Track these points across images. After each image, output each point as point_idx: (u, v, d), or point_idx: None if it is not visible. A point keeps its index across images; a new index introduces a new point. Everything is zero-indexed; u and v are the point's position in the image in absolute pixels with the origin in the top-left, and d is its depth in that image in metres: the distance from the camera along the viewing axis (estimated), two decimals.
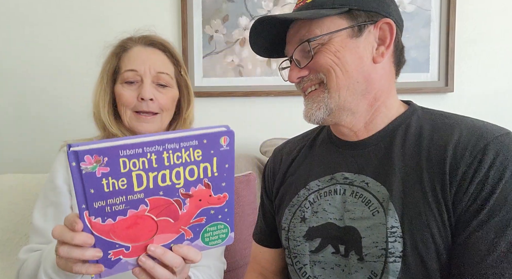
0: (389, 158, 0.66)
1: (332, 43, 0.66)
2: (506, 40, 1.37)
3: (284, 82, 1.43)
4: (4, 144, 1.54)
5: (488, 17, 1.36)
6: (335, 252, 0.67)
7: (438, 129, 0.65)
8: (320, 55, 0.67)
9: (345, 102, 0.68)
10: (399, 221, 0.62)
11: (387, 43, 0.68)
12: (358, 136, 0.72)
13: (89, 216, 0.49)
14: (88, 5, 1.46)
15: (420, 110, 0.72)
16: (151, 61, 0.90)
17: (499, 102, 1.38)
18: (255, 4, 1.41)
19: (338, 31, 0.66)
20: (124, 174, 0.48)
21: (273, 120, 1.46)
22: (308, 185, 0.74)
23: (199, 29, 1.42)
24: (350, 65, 0.66)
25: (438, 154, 0.62)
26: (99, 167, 0.47)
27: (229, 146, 0.53)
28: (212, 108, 1.47)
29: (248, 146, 1.46)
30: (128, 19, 1.45)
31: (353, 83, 0.67)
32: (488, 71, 1.38)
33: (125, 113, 0.89)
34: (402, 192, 0.63)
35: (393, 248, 0.61)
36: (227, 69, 1.43)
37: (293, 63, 0.71)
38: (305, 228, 0.72)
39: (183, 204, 0.53)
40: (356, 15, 0.67)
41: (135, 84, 0.89)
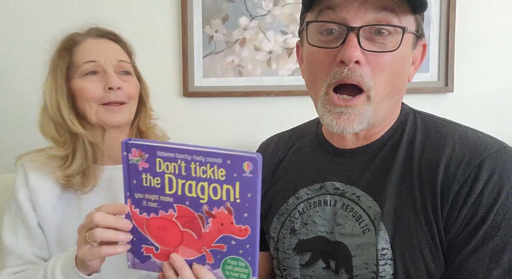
0: (381, 171, 0.61)
1: (406, 45, 0.55)
2: (506, 40, 1.37)
3: (284, 82, 1.45)
4: (4, 144, 1.54)
5: (488, 17, 1.36)
6: (326, 267, 0.64)
7: (429, 140, 0.60)
8: (391, 54, 0.55)
9: (378, 115, 0.60)
10: (390, 243, 0.57)
11: (416, 65, 0.61)
12: (352, 145, 0.65)
13: (131, 204, 0.56)
14: (88, 5, 1.46)
15: (412, 116, 0.65)
16: (109, 51, 0.86)
17: (499, 102, 1.38)
18: (255, 4, 1.41)
19: (412, 33, 0.56)
20: (159, 173, 0.54)
21: (273, 120, 1.46)
22: (297, 193, 0.69)
23: (199, 29, 1.42)
24: (403, 78, 0.58)
25: (429, 169, 0.57)
26: (141, 161, 0.54)
27: (252, 173, 0.51)
28: (212, 108, 1.47)
29: (248, 146, 1.46)
30: (128, 19, 1.45)
31: (392, 96, 0.59)
32: (488, 71, 1.38)
33: (91, 108, 0.83)
34: (394, 211, 0.58)
35: (383, 271, 0.57)
36: (227, 69, 1.43)
37: (356, 39, 0.54)
38: (295, 241, 0.67)
39: (206, 222, 0.54)
40: (419, 23, 0.57)
41: (97, 75, 0.84)
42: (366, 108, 0.57)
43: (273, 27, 1.41)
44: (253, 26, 1.41)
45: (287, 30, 1.41)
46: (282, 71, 1.42)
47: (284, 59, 1.42)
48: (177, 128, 1.48)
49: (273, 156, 0.78)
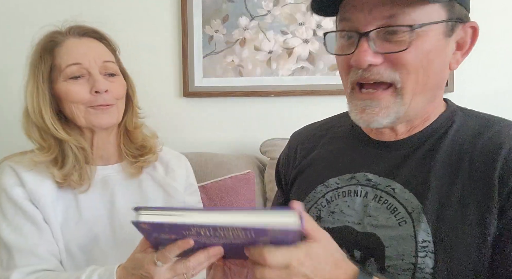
0: (423, 165, 0.59)
1: (428, 38, 0.53)
2: (506, 40, 1.37)
3: (284, 82, 1.45)
4: (4, 144, 1.54)
5: (488, 17, 1.36)
6: (349, 257, 0.62)
7: (482, 135, 0.58)
8: (409, 51, 0.53)
9: (412, 110, 0.58)
10: (432, 235, 0.56)
11: (465, 49, 0.58)
12: (391, 137, 0.64)
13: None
14: (88, 5, 1.47)
15: (460, 112, 0.64)
16: (93, 51, 0.82)
17: (499, 102, 1.38)
18: (255, 4, 1.41)
19: (438, 23, 0.54)
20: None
21: (273, 120, 1.46)
22: (326, 182, 0.68)
23: (199, 29, 1.42)
24: (434, 70, 0.56)
25: (484, 164, 0.55)
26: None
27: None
28: (212, 108, 1.47)
29: (248, 146, 1.46)
30: (128, 19, 1.45)
31: (427, 90, 0.57)
32: (488, 71, 1.38)
33: (78, 111, 0.80)
34: (438, 204, 0.56)
35: (423, 263, 0.56)
36: (227, 69, 1.43)
37: (366, 42, 0.54)
38: None
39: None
40: (456, 8, 0.55)
41: (82, 79, 0.80)
42: (393, 101, 0.57)
43: (273, 27, 1.41)
44: (253, 26, 1.42)
45: (287, 30, 1.41)
46: (282, 71, 1.42)
47: (284, 59, 1.42)
48: (177, 128, 1.49)
49: (304, 143, 0.78)
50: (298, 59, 1.42)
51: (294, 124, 1.46)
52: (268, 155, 1.33)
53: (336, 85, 1.37)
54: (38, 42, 0.84)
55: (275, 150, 1.31)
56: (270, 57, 1.42)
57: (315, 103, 1.44)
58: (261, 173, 1.36)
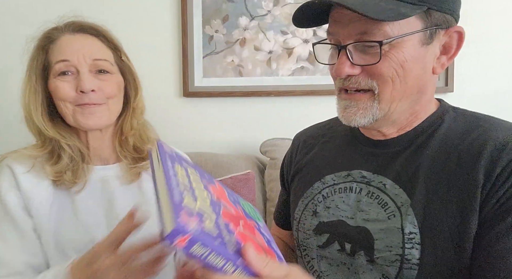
0: (412, 161, 0.62)
1: (402, 48, 0.57)
2: (505, 40, 1.37)
3: (284, 82, 1.45)
4: (4, 144, 1.54)
5: (488, 17, 1.36)
6: (341, 249, 0.66)
7: (471, 133, 0.60)
8: (384, 61, 0.57)
9: (393, 113, 0.62)
10: (419, 227, 0.58)
11: (451, 54, 0.61)
12: (386, 137, 0.67)
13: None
14: (88, 5, 1.46)
15: (452, 111, 0.66)
16: (84, 48, 0.79)
17: (499, 102, 1.38)
18: (255, 4, 1.41)
19: (412, 34, 0.57)
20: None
21: (273, 120, 1.46)
22: (323, 178, 0.72)
23: (199, 29, 1.42)
24: (412, 77, 0.59)
25: (470, 159, 0.57)
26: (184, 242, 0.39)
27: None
28: (212, 108, 1.47)
29: (248, 146, 1.46)
30: (128, 19, 1.45)
31: (407, 95, 0.60)
32: (488, 71, 1.39)
33: (67, 109, 0.78)
34: (425, 198, 0.59)
35: (409, 254, 0.58)
36: (227, 69, 1.43)
37: (345, 55, 0.59)
38: (315, 222, 0.70)
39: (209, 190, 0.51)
40: (433, 16, 0.57)
41: (70, 76, 0.78)
42: (370, 104, 0.61)
43: (273, 27, 1.41)
44: (253, 26, 1.42)
45: (287, 30, 1.41)
46: (282, 71, 1.43)
47: (284, 59, 1.42)
48: (177, 128, 1.49)
49: (306, 142, 0.82)
50: (298, 59, 1.42)
51: (294, 124, 1.46)
52: (268, 155, 1.33)
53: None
54: (36, 40, 0.82)
55: (275, 150, 1.31)
56: (270, 57, 1.42)
57: (315, 103, 1.44)
58: (261, 173, 1.36)
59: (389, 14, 0.55)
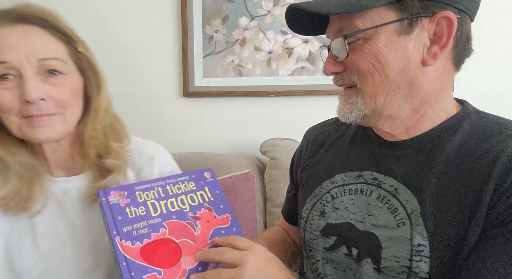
0: (425, 165, 0.59)
1: (375, 41, 0.56)
2: (506, 40, 1.37)
3: (284, 82, 1.45)
4: None
5: (488, 17, 1.36)
6: (348, 254, 0.64)
7: (490, 140, 0.56)
8: (358, 55, 0.57)
9: (383, 108, 0.60)
10: (428, 240, 0.55)
11: (443, 42, 0.56)
12: (397, 138, 0.64)
13: (120, 240, 0.57)
14: (88, 5, 1.47)
15: (475, 115, 0.62)
16: (28, 45, 0.61)
17: (499, 102, 1.38)
18: (255, 4, 1.41)
19: (383, 25, 0.55)
20: (141, 203, 0.62)
21: (273, 120, 1.46)
22: (333, 178, 0.69)
23: (199, 29, 1.42)
24: (392, 69, 0.57)
25: (485, 168, 0.54)
26: (122, 199, 0.61)
27: (212, 178, 0.68)
28: (212, 108, 1.47)
29: (248, 146, 1.46)
30: (128, 19, 1.45)
31: (393, 89, 0.58)
32: (488, 71, 1.38)
33: (10, 122, 0.63)
34: (436, 208, 0.55)
35: (417, 267, 0.55)
36: (227, 69, 1.43)
37: (330, 54, 0.62)
38: (323, 223, 0.68)
39: (195, 225, 0.62)
40: (408, 5, 0.55)
41: (11, 81, 0.61)
42: (355, 99, 0.61)
43: (273, 27, 1.41)
44: (253, 26, 1.42)
45: (287, 30, 1.41)
46: (282, 71, 1.43)
47: (284, 59, 1.42)
48: (177, 128, 1.49)
49: (317, 138, 0.80)
50: (298, 59, 1.42)
51: (294, 124, 1.47)
52: (268, 155, 1.33)
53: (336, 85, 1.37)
54: None
55: (275, 150, 1.31)
56: (270, 57, 1.42)
57: (315, 103, 1.44)
58: (261, 173, 1.36)
59: (345, 7, 0.55)
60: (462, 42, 0.60)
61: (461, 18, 0.57)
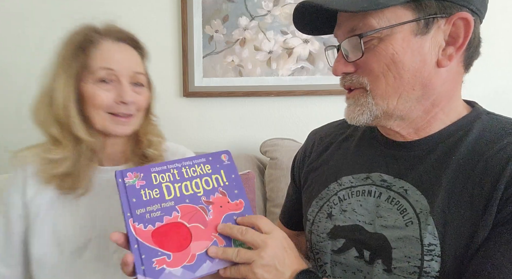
0: (437, 167, 0.58)
1: (391, 41, 0.55)
2: (507, 40, 1.37)
3: (284, 82, 1.45)
4: (3, 144, 1.54)
5: (488, 17, 1.36)
6: (359, 256, 0.63)
7: (502, 140, 0.56)
8: (373, 55, 0.56)
9: (395, 110, 0.59)
10: (439, 239, 0.54)
11: (459, 43, 0.56)
12: (405, 138, 0.64)
13: (133, 222, 0.58)
14: (88, 5, 1.47)
15: (485, 116, 0.62)
16: (127, 60, 0.81)
17: (499, 102, 1.38)
18: (255, 4, 1.41)
19: (400, 25, 0.54)
20: (156, 185, 0.61)
21: (273, 120, 1.46)
22: (340, 180, 0.68)
23: (199, 29, 1.42)
24: (407, 70, 0.56)
25: (496, 168, 0.53)
26: (138, 180, 0.61)
27: (229, 161, 0.67)
28: (212, 108, 1.47)
29: (248, 146, 1.46)
30: (128, 20, 1.44)
31: (407, 90, 0.57)
32: (488, 72, 1.38)
33: (98, 115, 0.78)
34: (447, 207, 0.55)
35: (429, 267, 0.55)
36: (227, 69, 1.43)
37: (341, 53, 0.60)
38: (330, 226, 0.67)
39: (207, 210, 0.61)
40: (425, 5, 0.54)
41: (110, 84, 0.79)
42: (365, 100, 0.59)
43: (273, 27, 1.41)
44: (253, 26, 1.42)
45: (287, 30, 1.41)
46: (282, 71, 1.43)
47: (284, 59, 1.42)
48: (177, 128, 1.49)
49: (322, 140, 0.79)
50: (298, 59, 1.42)
51: (294, 124, 1.47)
52: (268, 155, 1.33)
53: (336, 85, 1.37)
54: (73, 36, 0.81)
55: (275, 150, 1.31)
56: (270, 57, 1.42)
57: (315, 103, 1.44)
58: (261, 173, 1.36)
59: (362, 4, 0.53)
60: (475, 44, 0.59)
61: (475, 20, 0.56)
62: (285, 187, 1.23)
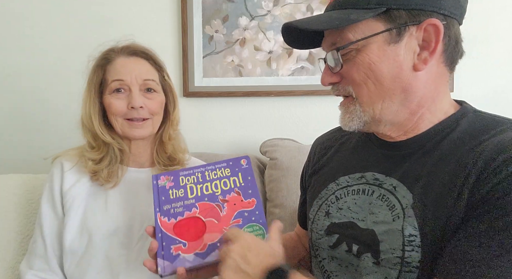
0: (420, 162, 0.62)
1: (366, 52, 0.59)
2: (506, 40, 1.38)
3: (284, 82, 1.45)
4: (2, 144, 1.55)
5: (488, 17, 1.36)
6: (348, 250, 0.67)
7: (482, 135, 0.58)
8: (352, 66, 0.61)
9: (381, 114, 0.63)
10: (419, 230, 0.57)
11: (432, 48, 0.59)
12: (395, 139, 0.67)
13: (160, 216, 0.71)
14: (88, 6, 1.47)
15: (472, 114, 0.64)
16: (136, 70, 0.92)
17: (499, 102, 1.38)
18: (255, 4, 1.41)
19: (373, 36, 0.59)
20: (182, 186, 0.74)
21: (273, 120, 1.47)
22: (337, 180, 0.73)
23: (199, 29, 1.42)
24: (386, 77, 0.60)
25: (470, 160, 0.56)
26: (168, 182, 0.75)
27: (248, 165, 0.76)
28: (212, 108, 1.48)
29: (248, 146, 1.46)
30: (128, 20, 1.46)
31: (389, 95, 0.61)
32: (488, 71, 1.39)
33: (117, 122, 0.92)
34: (425, 198, 0.58)
35: (409, 257, 0.58)
36: (227, 69, 1.44)
37: (327, 65, 0.66)
38: (327, 223, 0.71)
39: (222, 207, 0.71)
40: (395, 15, 0.58)
41: (123, 93, 0.91)
42: (353, 108, 0.64)
43: (273, 27, 1.41)
44: (253, 26, 1.42)
45: None
46: (282, 71, 1.43)
47: (284, 59, 1.42)
48: None
49: (323, 145, 0.84)
50: (298, 59, 1.42)
51: (294, 124, 1.47)
52: (268, 155, 1.34)
53: None
54: (96, 58, 0.96)
55: (275, 150, 1.31)
56: (270, 57, 1.42)
57: (315, 103, 1.44)
58: (261, 173, 1.37)
59: (335, 22, 0.59)
60: (452, 46, 0.62)
61: (448, 23, 0.60)
62: (285, 187, 1.24)
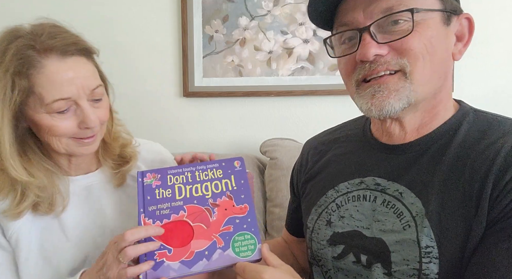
0: (429, 168, 0.59)
1: (428, 24, 0.56)
2: (506, 40, 1.38)
3: (284, 82, 1.45)
4: None
5: (488, 17, 1.36)
6: (356, 261, 0.63)
7: (488, 137, 0.57)
8: (413, 36, 0.55)
9: (422, 98, 0.58)
10: (436, 241, 0.55)
11: (465, 40, 0.60)
12: (400, 140, 0.64)
13: (144, 217, 0.64)
14: (88, 6, 1.47)
15: (472, 114, 0.63)
16: (81, 78, 0.68)
17: (499, 102, 1.38)
18: (255, 4, 1.41)
19: (434, 11, 0.56)
20: (169, 186, 0.67)
21: (273, 120, 1.47)
22: (337, 186, 0.69)
23: (199, 29, 1.42)
24: (439, 56, 0.57)
25: (484, 166, 0.54)
26: (155, 180, 0.68)
27: (241, 167, 0.70)
28: (212, 108, 1.48)
29: (248, 146, 1.46)
30: (128, 20, 1.46)
31: (435, 78, 0.58)
32: (488, 71, 1.39)
33: (60, 142, 0.70)
34: (440, 208, 0.56)
35: (427, 269, 0.55)
36: (227, 69, 1.44)
37: (369, 36, 0.57)
38: (329, 232, 0.68)
39: (212, 212, 0.65)
40: (447, 0, 0.58)
41: (70, 112, 0.68)
42: (402, 85, 0.57)
43: (273, 27, 1.41)
44: (253, 26, 1.42)
45: (287, 30, 1.41)
46: (282, 71, 1.43)
47: (284, 59, 1.42)
48: (177, 128, 1.49)
49: (317, 149, 0.79)
50: (298, 59, 1.42)
51: (294, 124, 1.47)
52: (268, 155, 1.34)
53: (336, 85, 1.37)
54: (3, 55, 0.66)
55: (275, 150, 1.31)
56: (270, 57, 1.42)
57: (315, 103, 1.44)
58: (261, 173, 1.37)
59: None
60: None
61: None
62: (285, 187, 1.24)
